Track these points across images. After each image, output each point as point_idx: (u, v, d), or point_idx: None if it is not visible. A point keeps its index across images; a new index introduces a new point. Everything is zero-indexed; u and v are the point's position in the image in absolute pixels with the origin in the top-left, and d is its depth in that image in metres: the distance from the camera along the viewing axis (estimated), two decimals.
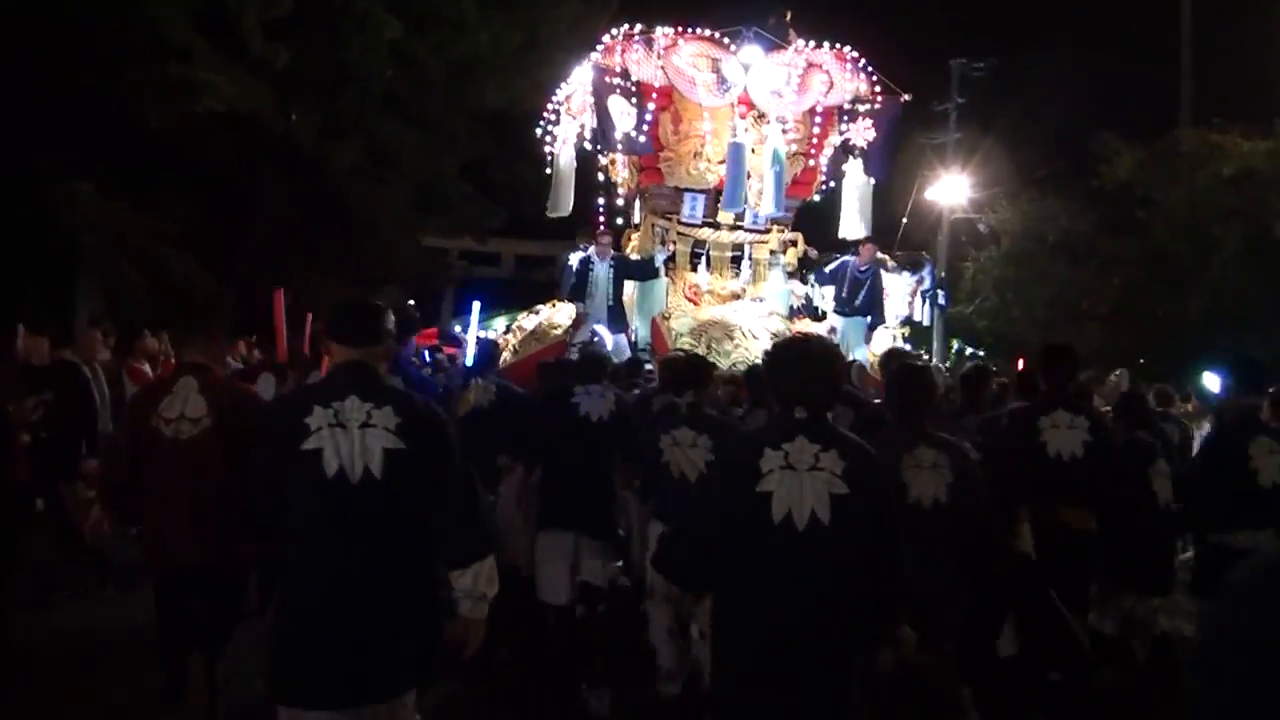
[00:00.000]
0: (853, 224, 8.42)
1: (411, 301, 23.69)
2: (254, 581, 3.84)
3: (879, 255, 8.83)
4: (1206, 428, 6.46)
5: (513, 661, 4.16)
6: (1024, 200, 20.80)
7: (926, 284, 14.62)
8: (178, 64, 12.54)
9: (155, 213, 14.65)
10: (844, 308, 8.32)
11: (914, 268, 14.69)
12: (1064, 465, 3.61)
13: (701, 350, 6.95)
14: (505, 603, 2.64)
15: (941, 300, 17.57)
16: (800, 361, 2.43)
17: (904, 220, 18.77)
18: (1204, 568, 3.89)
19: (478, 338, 7.50)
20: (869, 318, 8.36)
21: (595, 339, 7.14)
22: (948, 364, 17.35)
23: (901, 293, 14.08)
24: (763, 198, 7.86)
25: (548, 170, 8.69)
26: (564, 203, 8.63)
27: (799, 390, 2.36)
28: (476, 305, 8.39)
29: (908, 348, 12.40)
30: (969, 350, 17.43)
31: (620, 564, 4.37)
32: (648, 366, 6.69)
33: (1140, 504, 3.93)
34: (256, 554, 3.48)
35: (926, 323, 16.11)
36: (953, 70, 19.95)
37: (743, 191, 7.65)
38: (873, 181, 8.36)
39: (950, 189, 20.23)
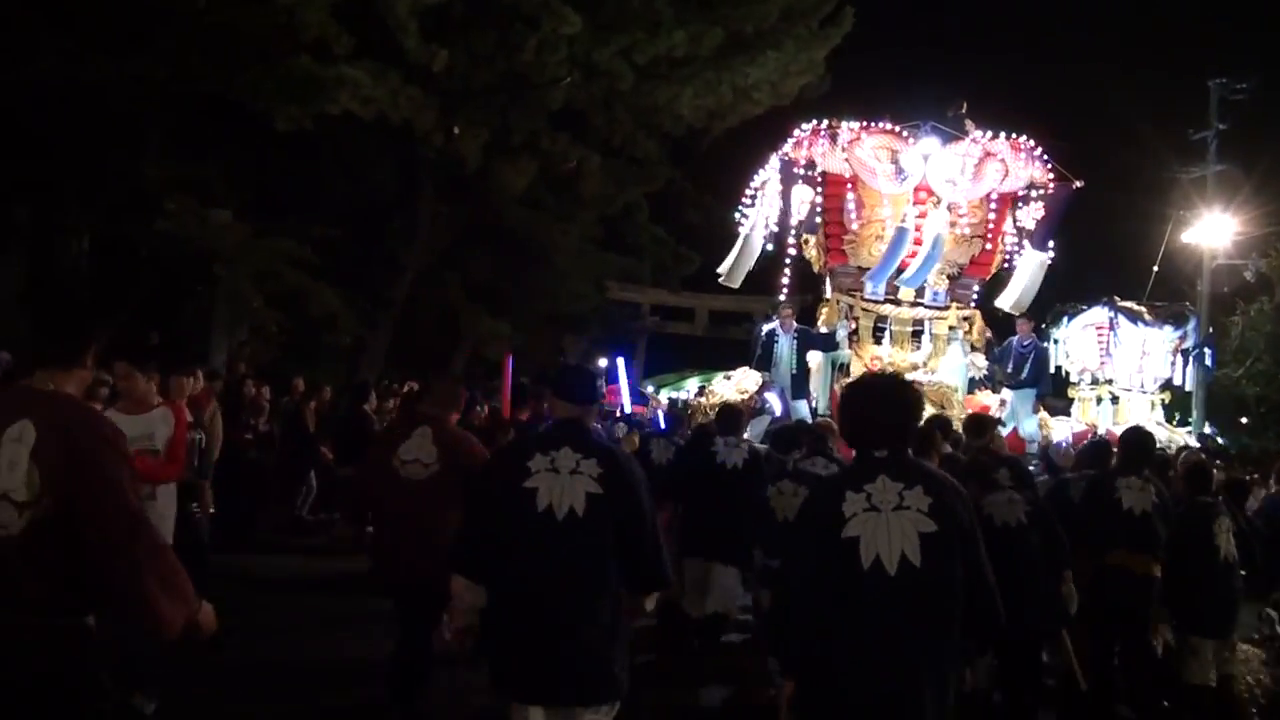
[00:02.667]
0: (1012, 298, 10.98)
1: (604, 362, 27.23)
2: None
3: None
4: None
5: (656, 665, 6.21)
6: None
7: (1190, 341, 16.13)
8: (310, 59, 12.97)
9: (292, 237, 15.16)
10: (1011, 381, 10.82)
11: (1176, 321, 16.09)
12: None
13: None
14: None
15: (1208, 360, 18.85)
16: (873, 398, 2.93)
17: (1155, 269, 20.23)
18: None
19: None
20: (1036, 388, 10.74)
21: (765, 405, 10.09)
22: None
23: (1161, 351, 15.62)
24: (906, 273, 10.64)
25: (738, 247, 11.76)
26: (739, 277, 11.68)
27: (875, 428, 2.85)
28: (621, 362, 11.67)
29: (1158, 421, 14.20)
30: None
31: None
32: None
33: None
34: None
35: (1189, 386, 17.19)
36: (1212, 92, 21.06)
37: (893, 268, 10.50)
38: (1046, 261, 10.85)
39: (1211, 230, 21.13)
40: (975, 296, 11.58)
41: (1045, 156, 10.69)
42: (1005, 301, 11.29)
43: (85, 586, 2.61)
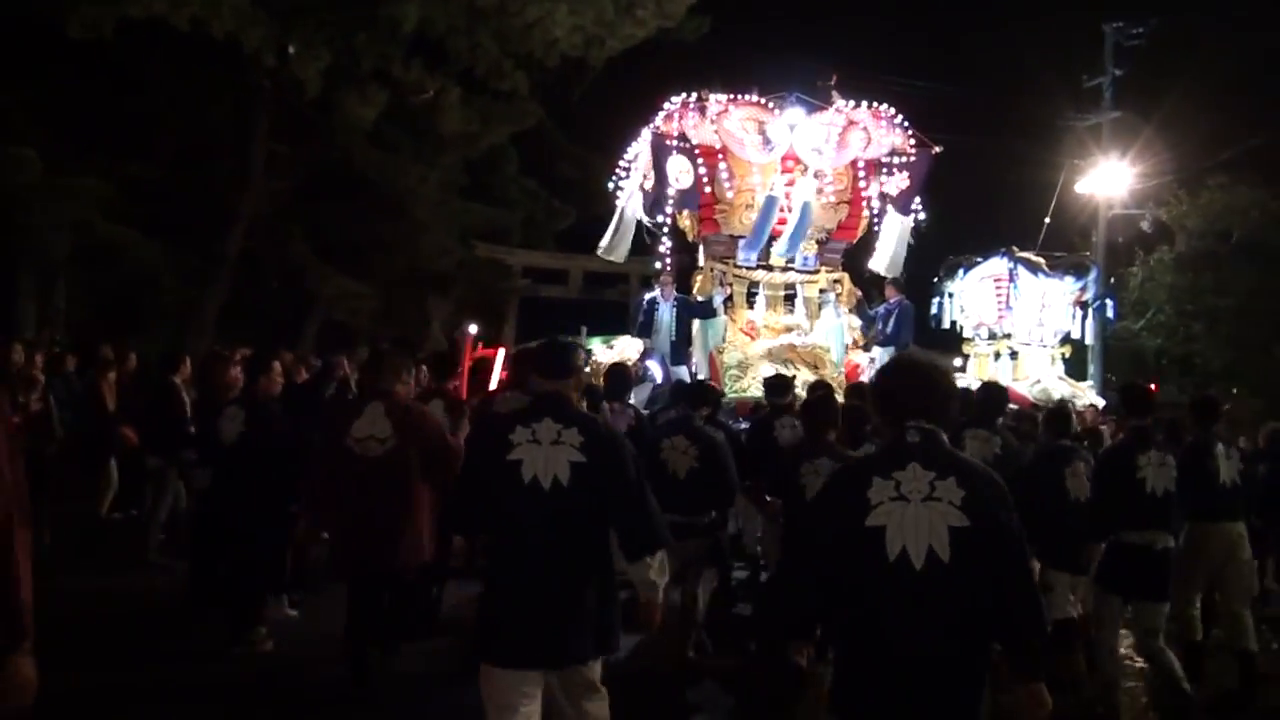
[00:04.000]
0: (884, 261, 13.45)
1: (474, 328, 28.61)
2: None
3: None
4: None
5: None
6: (1209, 190, 24.55)
7: (1091, 292, 18.53)
8: None
9: (100, 177, 15.22)
10: (879, 338, 13.33)
11: (1077, 272, 18.43)
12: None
13: (746, 380, 12.08)
14: None
15: (1110, 312, 21.16)
16: (908, 378, 3.21)
17: (1046, 220, 22.58)
18: None
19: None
20: (895, 345, 13.17)
21: (645, 372, 12.28)
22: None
23: (1062, 303, 17.99)
24: (778, 241, 13.00)
25: (614, 220, 13.93)
26: (620, 250, 13.89)
27: (908, 410, 3.12)
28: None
29: (1060, 376, 16.43)
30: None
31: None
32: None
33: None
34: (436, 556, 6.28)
35: (1089, 340, 19.56)
36: (1107, 37, 23.65)
37: (765, 236, 12.83)
38: (910, 223, 13.32)
39: (1107, 179, 23.76)
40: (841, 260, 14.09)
41: (906, 124, 13.16)
42: (878, 264, 13.75)
43: None
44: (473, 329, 28.59)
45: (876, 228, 13.68)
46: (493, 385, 10.29)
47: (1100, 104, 24.16)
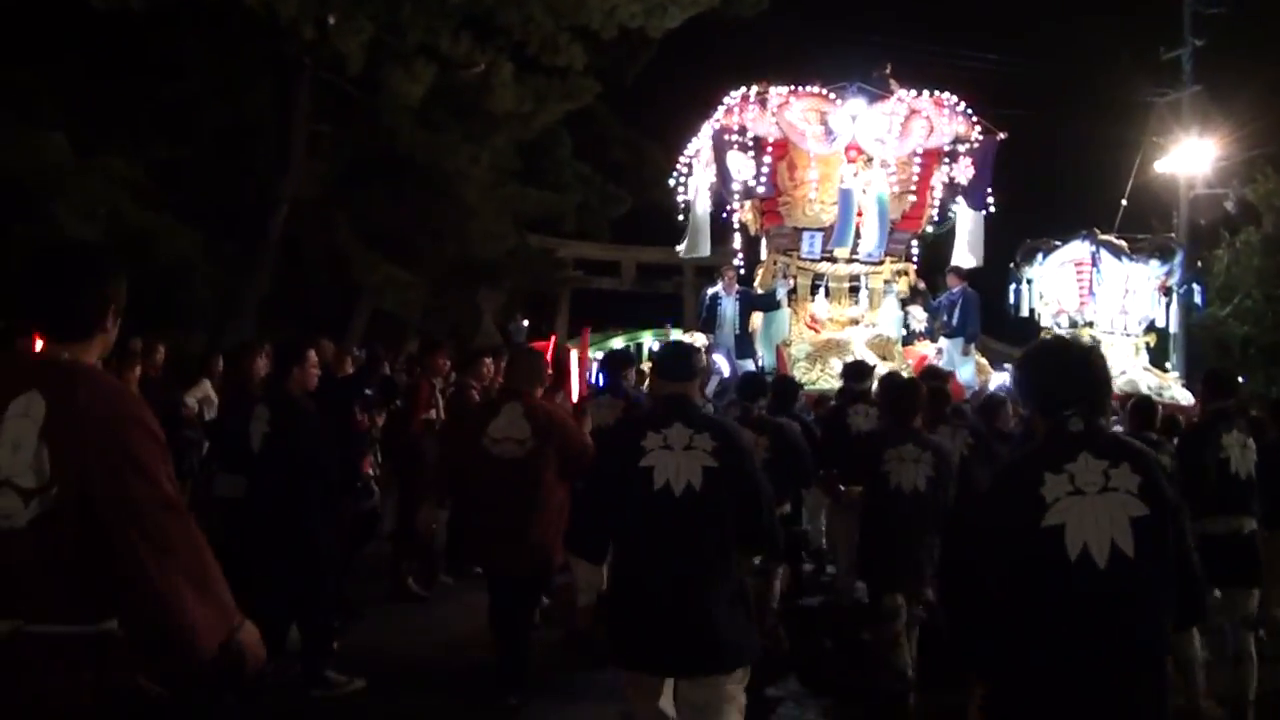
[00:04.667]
0: (963, 254, 14.47)
1: (526, 322, 29.59)
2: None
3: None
4: None
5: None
6: None
7: (1176, 277, 19.13)
8: None
9: (130, 159, 15.27)
10: (945, 330, 14.34)
11: (1162, 255, 18.99)
12: None
13: (816, 372, 13.19)
14: None
15: (1198, 298, 21.70)
16: (1064, 363, 3.33)
17: (1124, 202, 23.32)
18: None
19: (611, 351, 11.53)
20: (962, 335, 14.22)
21: (714, 366, 13.41)
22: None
23: (1146, 289, 18.54)
24: (863, 238, 14.01)
25: (680, 217, 15.10)
26: (701, 246, 15.08)
27: (1064, 399, 3.22)
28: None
29: (1145, 366, 17.04)
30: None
31: None
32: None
33: None
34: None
35: (1174, 328, 20.17)
36: (1185, 7, 24.24)
37: (851, 231, 13.83)
38: (983, 214, 14.34)
39: (1188, 157, 24.37)
40: (913, 252, 15.19)
41: (969, 111, 14.22)
42: (957, 257, 14.80)
43: (106, 587, 2.68)
44: (525, 322, 30.04)
45: (936, 218, 14.71)
46: (574, 384, 10.47)
47: (1180, 78, 24.71)
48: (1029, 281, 17.62)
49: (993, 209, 14.66)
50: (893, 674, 6.55)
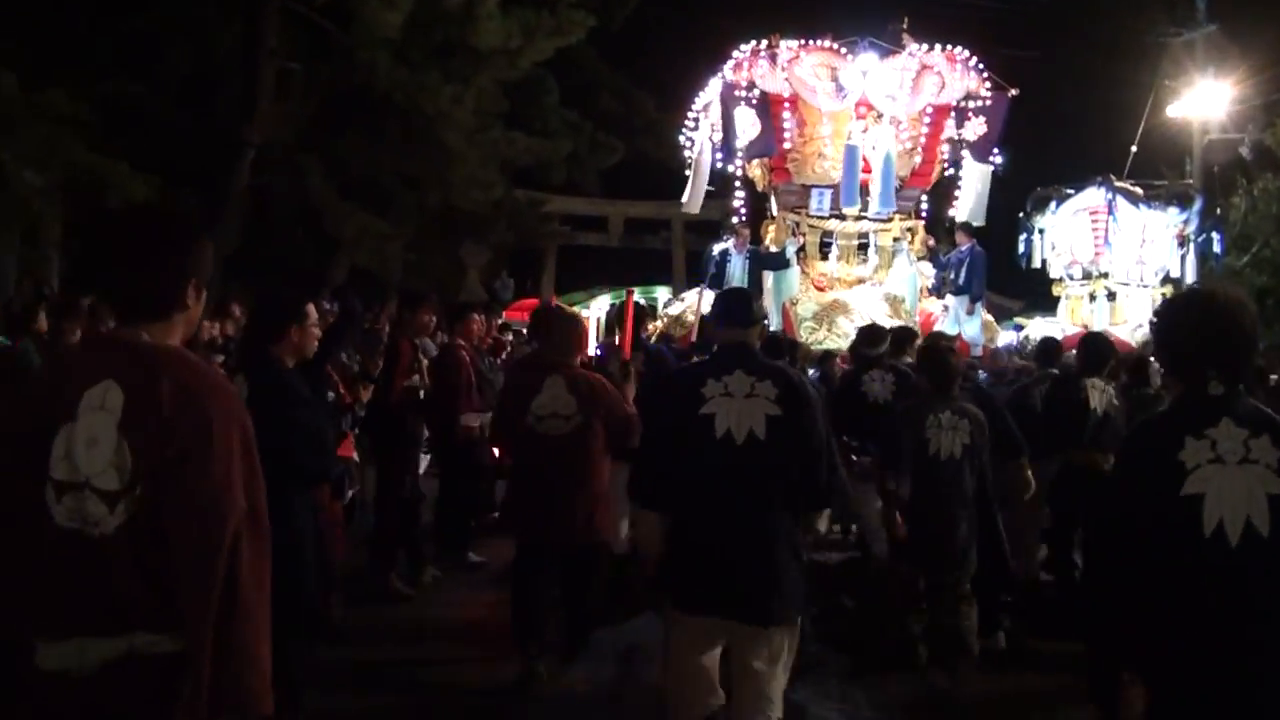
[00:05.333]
0: (967, 209, 15.63)
1: (512, 280, 30.33)
2: None
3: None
4: None
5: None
6: None
7: (1194, 225, 19.94)
8: None
9: (75, 96, 14.86)
10: (953, 288, 15.52)
11: (1181, 203, 19.76)
12: None
13: (822, 332, 14.36)
14: None
15: (1217, 246, 22.00)
16: (1206, 319, 3.21)
17: (1134, 148, 23.89)
18: None
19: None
20: (969, 292, 15.38)
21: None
22: None
23: (1165, 238, 19.29)
24: (871, 195, 15.15)
25: (687, 171, 16.22)
26: (697, 200, 16.19)
27: (1210, 359, 3.15)
28: None
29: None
30: None
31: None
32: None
33: None
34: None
35: (1190, 278, 20.98)
36: None
37: (857, 188, 14.95)
38: (991, 170, 15.50)
39: (1203, 100, 25.04)
40: (925, 209, 16.37)
41: (980, 66, 15.35)
42: (961, 213, 15.97)
43: None
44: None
45: (949, 174, 15.89)
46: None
47: (1195, 16, 25.42)
48: (1040, 231, 18.60)
49: (1000, 165, 15.84)
50: (955, 644, 6.96)
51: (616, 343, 9.35)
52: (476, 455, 9.36)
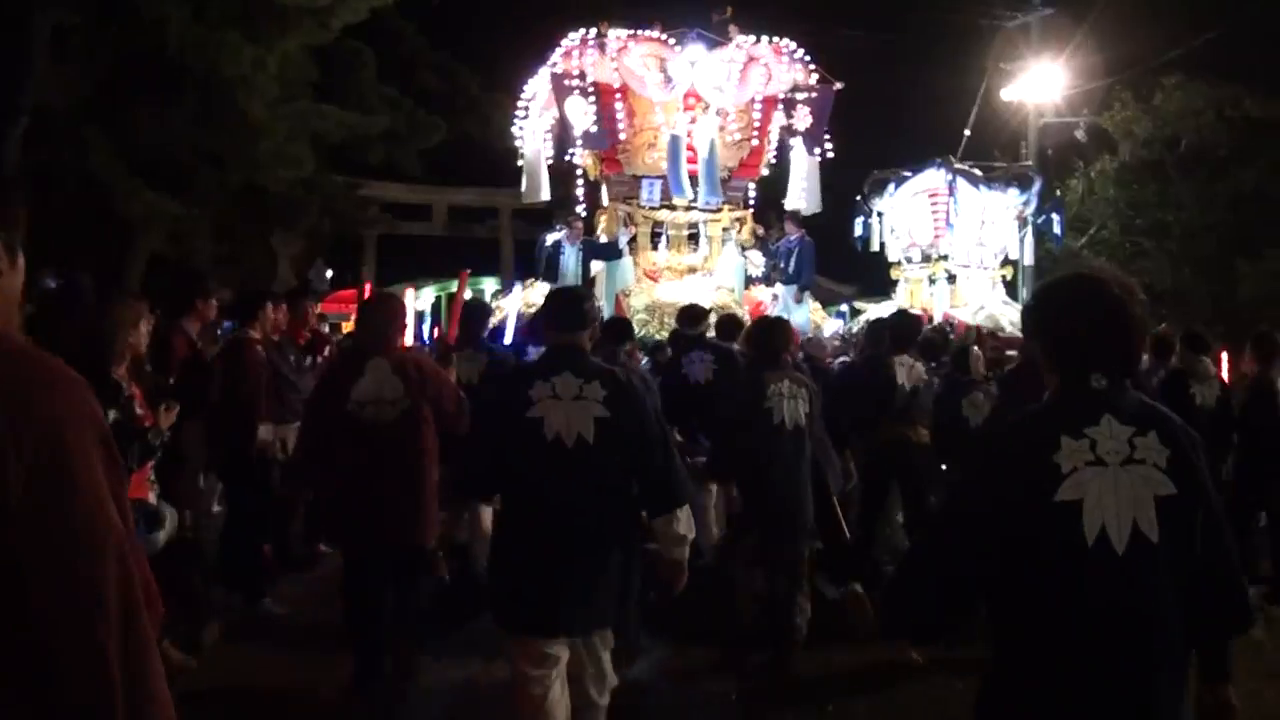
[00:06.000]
0: (797, 199, 17.25)
1: (330, 272, 30.87)
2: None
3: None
4: None
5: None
6: (1165, 88, 27.88)
7: (1033, 207, 21.30)
8: None
9: None
10: (782, 277, 17.13)
11: (1020, 184, 21.17)
12: None
13: (655, 324, 15.82)
14: None
15: (1058, 228, 22.85)
16: (1093, 306, 3.15)
17: (967, 132, 25.81)
18: None
19: (469, 301, 11.95)
20: (799, 282, 17.03)
21: None
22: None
23: (1005, 219, 20.42)
24: (699, 185, 16.64)
25: (519, 162, 17.52)
26: (538, 191, 17.48)
27: (1092, 348, 3.14)
28: None
29: (1004, 300, 19.12)
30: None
31: None
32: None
33: None
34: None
35: (1028, 260, 22.66)
36: None
37: (684, 178, 16.44)
38: (818, 159, 17.14)
39: (1038, 84, 27.03)
40: (752, 199, 17.97)
41: (807, 58, 16.99)
42: (793, 202, 17.50)
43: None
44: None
45: (778, 164, 17.47)
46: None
47: (1030, 0, 27.47)
48: (879, 214, 19.69)
49: (829, 154, 17.47)
50: (787, 627, 7.52)
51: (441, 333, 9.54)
52: (273, 478, 8.70)
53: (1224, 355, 14.40)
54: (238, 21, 20.24)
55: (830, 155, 17.53)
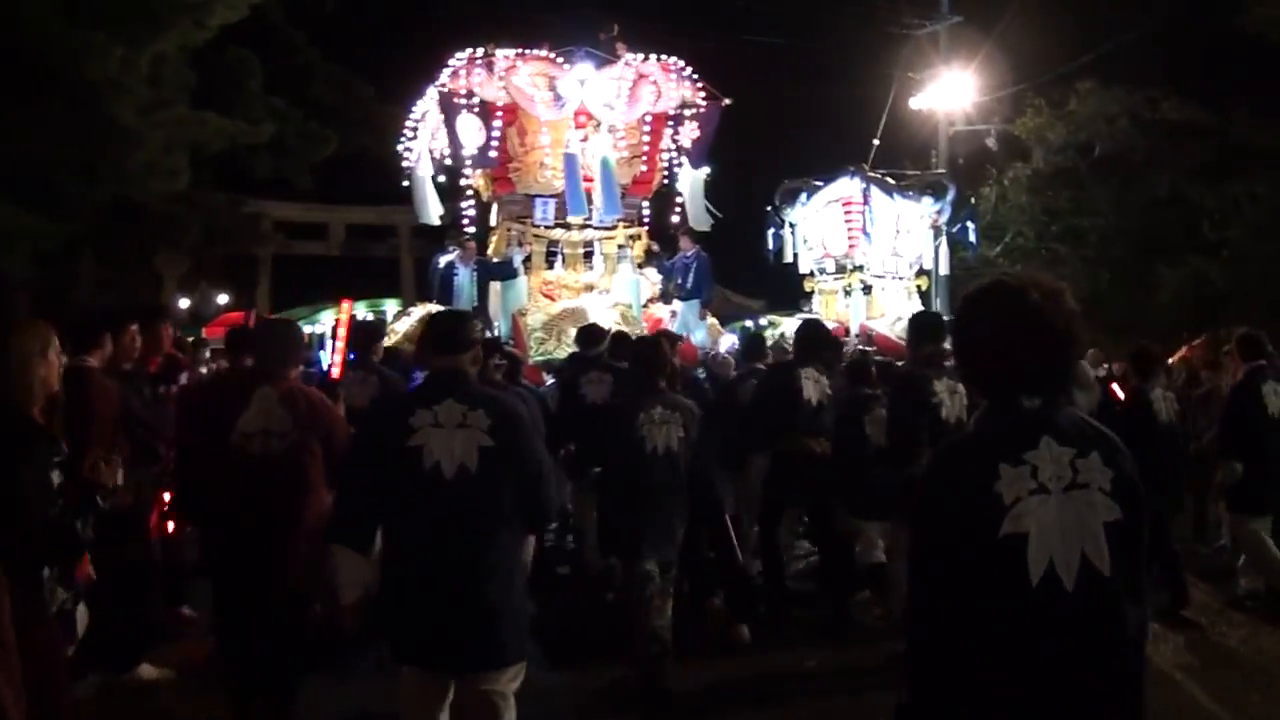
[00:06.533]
0: (689, 215, 18.53)
1: (225, 298, 31.30)
2: None
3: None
4: None
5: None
6: (1079, 94, 29.23)
7: (946, 215, 21.96)
8: None
9: None
10: (680, 293, 18.39)
11: (935, 192, 21.90)
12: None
13: (552, 343, 17.03)
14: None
15: (973, 236, 23.67)
16: (1013, 317, 3.12)
17: (875, 141, 26.71)
18: None
19: (359, 322, 12.65)
20: (699, 297, 18.32)
21: None
22: None
23: (920, 228, 21.56)
24: (594, 202, 17.82)
25: (405, 183, 18.68)
26: (429, 211, 18.61)
27: (1025, 366, 3.13)
28: None
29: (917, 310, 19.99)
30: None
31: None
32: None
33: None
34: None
35: (943, 269, 23.51)
36: None
37: (582, 196, 17.61)
38: (704, 175, 18.42)
39: (947, 92, 28.63)
40: (645, 216, 19.18)
41: (695, 76, 18.25)
42: (694, 221, 18.63)
43: None
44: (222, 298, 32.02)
45: (668, 181, 18.82)
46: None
47: (938, 8, 28.99)
48: (791, 225, 20.70)
49: (709, 171, 18.76)
50: (648, 639, 7.82)
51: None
52: (132, 529, 8.03)
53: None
54: (104, 20, 20.05)
55: (709, 173, 18.84)
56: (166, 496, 8.43)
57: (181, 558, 9.40)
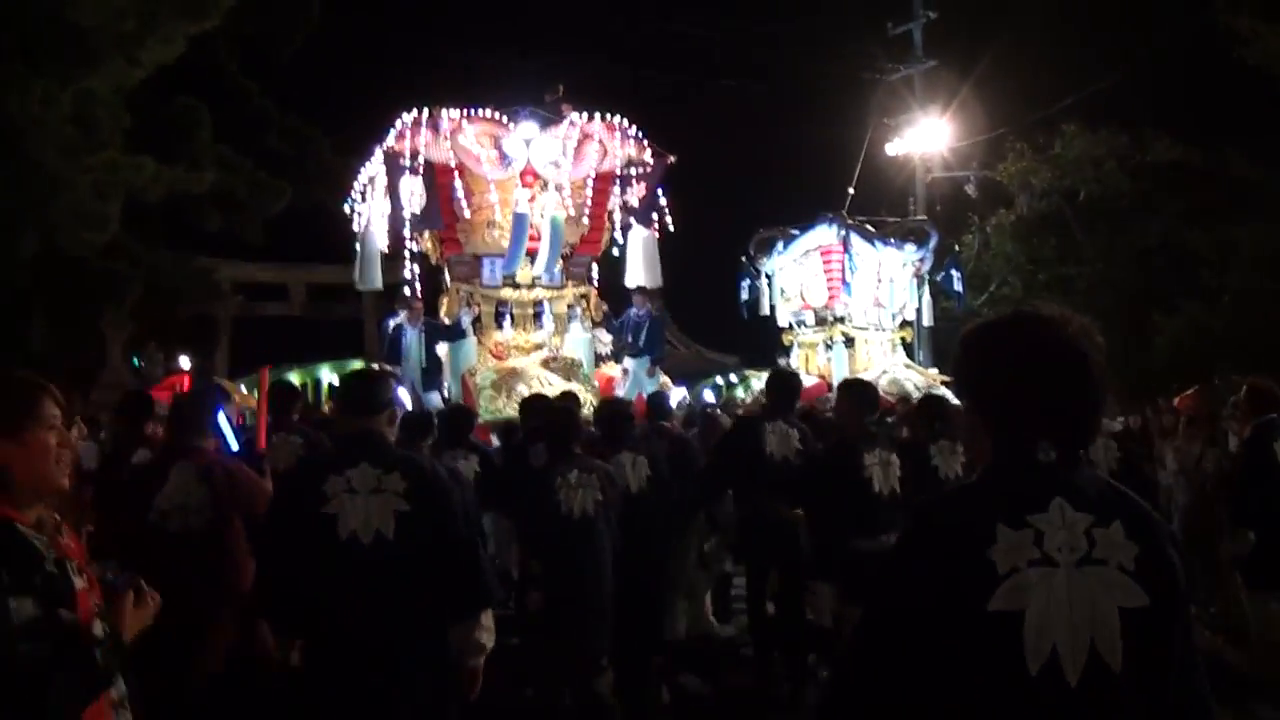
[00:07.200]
0: (636, 274, 19.97)
1: (186, 360, 32.27)
2: None
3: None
4: None
5: None
6: (1064, 136, 30.34)
7: (928, 263, 23.09)
8: None
9: None
10: (631, 351, 19.88)
11: (917, 239, 22.94)
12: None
13: (501, 400, 18.58)
14: None
15: (958, 284, 24.87)
16: (1037, 354, 2.93)
17: (851, 190, 27.78)
18: None
19: (275, 382, 11.65)
20: (650, 354, 19.77)
21: (397, 400, 18.46)
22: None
23: (903, 276, 22.59)
24: (538, 261, 19.30)
25: (357, 245, 20.27)
26: (372, 278, 20.11)
27: (1041, 408, 2.92)
28: None
29: (906, 363, 21.15)
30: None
31: None
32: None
33: None
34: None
35: (927, 319, 24.11)
36: None
37: (522, 254, 19.08)
38: (655, 235, 19.99)
39: (924, 137, 30.07)
40: (594, 276, 20.58)
41: (640, 134, 19.82)
42: (633, 279, 20.04)
43: None
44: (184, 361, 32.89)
45: (621, 241, 20.37)
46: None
47: (911, 52, 30.41)
48: (767, 276, 21.60)
49: (661, 230, 20.10)
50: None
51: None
52: None
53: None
54: (21, 52, 20.37)
55: (660, 231, 20.17)
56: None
57: None
